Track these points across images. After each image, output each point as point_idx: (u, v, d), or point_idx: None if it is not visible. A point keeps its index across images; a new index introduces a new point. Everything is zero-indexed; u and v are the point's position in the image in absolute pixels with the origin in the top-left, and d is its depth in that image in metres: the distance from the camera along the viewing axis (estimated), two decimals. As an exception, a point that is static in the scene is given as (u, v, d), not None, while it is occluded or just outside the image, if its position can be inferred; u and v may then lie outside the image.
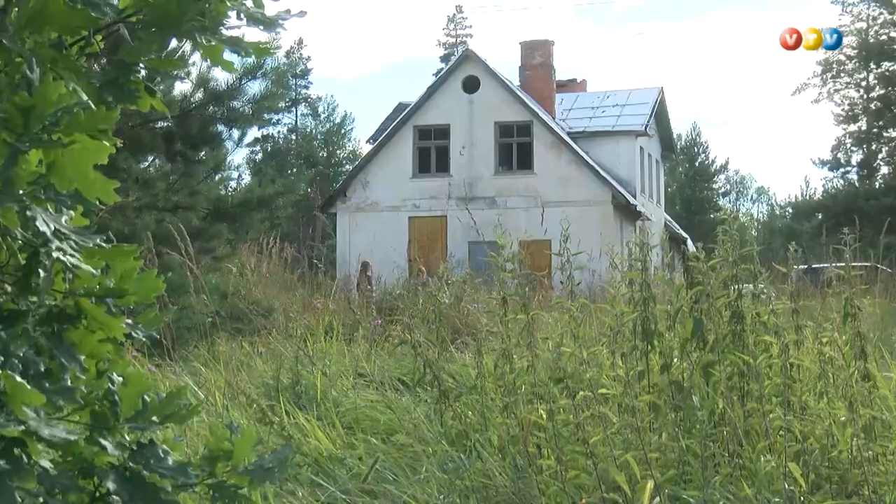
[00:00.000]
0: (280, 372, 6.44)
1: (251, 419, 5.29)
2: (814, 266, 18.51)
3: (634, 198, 35.63)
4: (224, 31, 1.85)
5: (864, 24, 51.29)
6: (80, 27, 1.75)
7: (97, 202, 1.84)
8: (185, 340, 8.52)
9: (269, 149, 66.22)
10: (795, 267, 5.47)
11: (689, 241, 40.11)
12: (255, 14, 1.86)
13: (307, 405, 6.04)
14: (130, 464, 1.87)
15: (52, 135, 1.67)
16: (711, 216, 69.45)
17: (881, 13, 50.85)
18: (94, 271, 1.85)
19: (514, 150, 35.63)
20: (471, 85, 35.76)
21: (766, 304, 4.36)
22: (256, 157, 65.14)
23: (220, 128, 12.42)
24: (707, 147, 76.32)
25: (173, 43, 1.84)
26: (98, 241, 1.87)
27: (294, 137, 68.34)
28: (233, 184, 50.64)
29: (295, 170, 61.73)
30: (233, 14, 1.84)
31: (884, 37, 50.54)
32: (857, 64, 51.70)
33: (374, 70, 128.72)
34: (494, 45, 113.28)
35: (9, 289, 1.83)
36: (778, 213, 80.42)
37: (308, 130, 70.35)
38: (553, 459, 3.62)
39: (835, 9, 58.79)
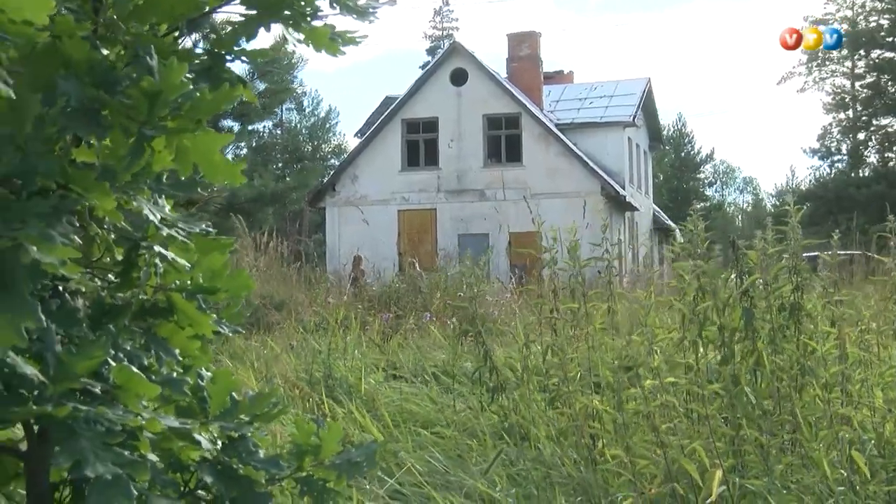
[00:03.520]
0: (312, 366, 6.43)
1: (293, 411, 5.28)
2: (807, 255, 18.64)
3: (623, 188, 35.70)
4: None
5: (850, 12, 51.42)
6: (186, 15, 1.73)
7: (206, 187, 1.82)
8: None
9: (254, 143, 65.90)
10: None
11: (678, 232, 40.12)
12: (347, 3, 1.84)
13: (342, 398, 6.03)
14: (224, 457, 1.88)
15: (176, 120, 1.63)
16: (698, 206, 69.74)
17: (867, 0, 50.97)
18: (188, 265, 1.84)
19: (503, 142, 35.63)
20: (458, 77, 35.73)
21: (827, 295, 4.38)
22: (241, 153, 64.84)
23: (231, 122, 12.38)
24: (693, 137, 76.67)
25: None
26: (204, 226, 1.86)
27: (279, 132, 67.99)
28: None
29: (281, 164, 61.43)
30: (324, 3, 1.83)
31: (873, 24, 50.57)
32: (842, 52, 51.77)
33: (359, 63, 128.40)
34: (481, 37, 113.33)
35: (99, 283, 1.82)
36: (763, 200, 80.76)
37: (293, 125, 70.00)
38: (621, 449, 3.63)
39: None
